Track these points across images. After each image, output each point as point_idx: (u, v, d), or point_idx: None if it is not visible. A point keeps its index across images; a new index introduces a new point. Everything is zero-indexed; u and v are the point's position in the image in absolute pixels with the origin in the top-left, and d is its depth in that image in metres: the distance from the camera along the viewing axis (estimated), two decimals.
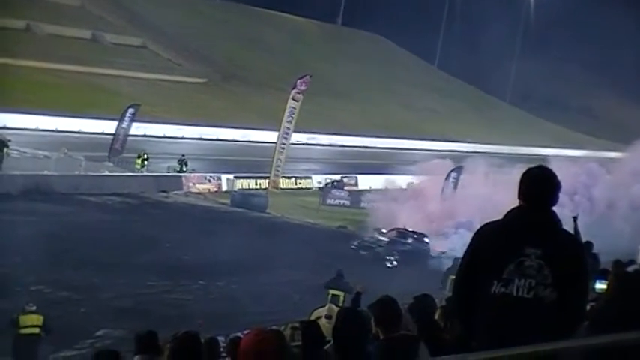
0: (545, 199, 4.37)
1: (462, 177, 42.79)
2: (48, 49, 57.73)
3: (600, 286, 9.13)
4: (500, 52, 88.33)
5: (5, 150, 34.93)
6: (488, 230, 4.42)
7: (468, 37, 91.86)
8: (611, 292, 4.74)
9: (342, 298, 22.32)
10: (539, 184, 4.39)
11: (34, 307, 17.40)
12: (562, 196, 4.56)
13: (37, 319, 17.15)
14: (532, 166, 4.49)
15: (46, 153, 38.47)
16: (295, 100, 46.66)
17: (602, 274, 10.36)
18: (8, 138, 35.54)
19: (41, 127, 45.42)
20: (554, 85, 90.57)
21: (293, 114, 46.59)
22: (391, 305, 5.99)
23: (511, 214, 4.40)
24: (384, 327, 5.87)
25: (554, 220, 4.37)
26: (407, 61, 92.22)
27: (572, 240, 4.43)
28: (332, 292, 22.55)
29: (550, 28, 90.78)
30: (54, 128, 45.88)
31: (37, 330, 17.06)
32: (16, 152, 37.43)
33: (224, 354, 10.24)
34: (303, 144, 55.48)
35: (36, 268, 24.38)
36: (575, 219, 18.17)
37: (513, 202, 4.39)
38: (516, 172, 4.65)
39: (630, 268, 11.73)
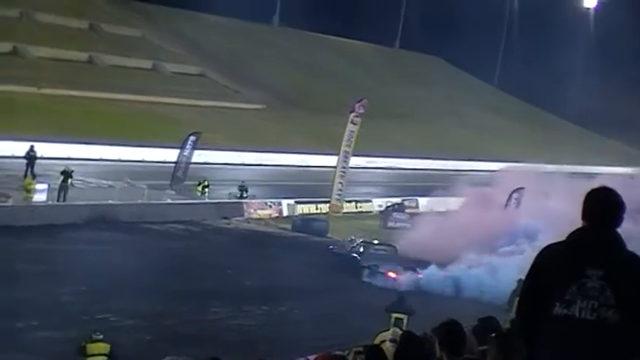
0: (609, 219, 4.35)
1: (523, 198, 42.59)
2: (110, 80, 58.71)
3: None
4: (561, 70, 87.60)
5: (70, 180, 35.51)
6: (550, 251, 4.42)
7: (527, 56, 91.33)
8: None
9: (405, 321, 22.22)
10: (602, 205, 4.38)
11: (101, 336, 17.58)
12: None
13: (104, 347, 17.34)
14: (596, 186, 4.49)
15: (110, 182, 39.01)
16: (354, 124, 46.73)
17: None
18: (72, 168, 36.12)
19: (105, 157, 46.13)
20: (617, 102, 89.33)
21: (352, 137, 46.63)
22: (456, 328, 5.99)
23: (574, 234, 4.39)
24: (449, 351, 5.87)
25: (618, 241, 4.35)
26: (465, 82, 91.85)
27: (636, 260, 4.39)
28: (395, 315, 22.44)
29: (611, 44, 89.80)
30: (117, 158, 46.55)
31: (104, 359, 17.26)
32: (80, 182, 38.05)
33: None
34: (363, 167, 55.46)
35: (102, 296, 24.73)
36: None
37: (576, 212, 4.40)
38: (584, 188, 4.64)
39: None
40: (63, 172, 35.51)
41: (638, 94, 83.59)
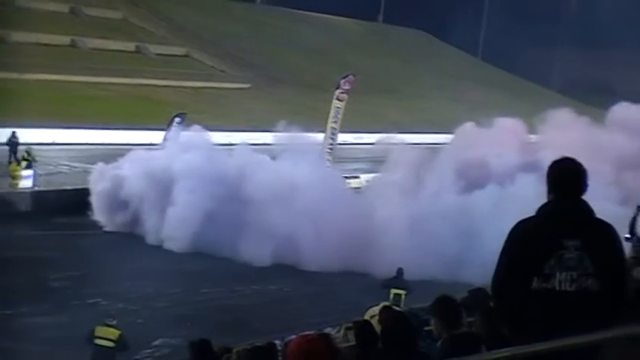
0: (576, 188, 4.36)
1: None
2: (93, 63, 58.37)
3: None
4: (545, 41, 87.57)
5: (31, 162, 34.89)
6: (523, 226, 4.40)
7: (511, 28, 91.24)
8: None
9: (403, 297, 22.14)
10: (568, 175, 4.38)
11: (114, 322, 17.60)
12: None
13: (113, 333, 17.34)
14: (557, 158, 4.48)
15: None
16: (340, 100, 46.56)
17: None
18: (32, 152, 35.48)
19: (90, 141, 45.88)
20: (600, 70, 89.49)
21: (338, 114, 46.47)
22: (452, 304, 5.98)
23: (545, 208, 4.39)
24: (447, 325, 5.82)
25: (588, 210, 4.35)
26: (450, 55, 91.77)
27: (608, 228, 4.39)
28: (394, 291, 22.35)
29: (594, 13, 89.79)
30: (102, 141, 46.31)
31: (109, 344, 17.23)
32: (66, 167, 37.86)
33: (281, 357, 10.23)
34: (351, 144, 55.36)
35: (92, 280, 24.67)
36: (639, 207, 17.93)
37: None
38: None
39: None
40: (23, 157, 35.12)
41: (621, 59, 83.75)
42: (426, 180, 32.15)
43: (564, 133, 33.67)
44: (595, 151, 29.33)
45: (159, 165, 31.75)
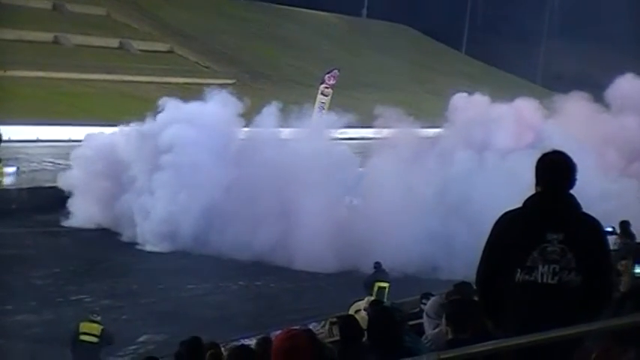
0: (564, 182, 4.33)
1: None
2: (77, 60, 58.11)
3: (639, 270, 8.99)
4: (529, 34, 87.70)
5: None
6: (508, 218, 4.39)
7: (495, 22, 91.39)
8: None
9: (387, 290, 22.18)
10: (555, 169, 4.35)
11: (98, 318, 17.59)
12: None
13: (96, 328, 17.34)
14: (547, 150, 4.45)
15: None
16: (324, 95, 46.60)
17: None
18: None
19: (74, 138, 45.63)
20: (584, 64, 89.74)
21: (323, 109, 46.50)
22: (464, 308, 5.86)
23: (530, 200, 4.37)
24: (455, 327, 5.78)
25: (574, 204, 4.33)
26: (434, 49, 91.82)
27: (593, 222, 4.37)
28: (378, 284, 22.38)
29: (577, 6, 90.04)
30: None
31: (94, 339, 17.21)
32: (50, 164, 37.71)
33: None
34: (335, 139, 55.27)
35: (76, 277, 24.61)
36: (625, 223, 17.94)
37: None
38: None
39: None
40: None
41: (605, 53, 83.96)
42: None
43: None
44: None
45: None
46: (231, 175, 30.39)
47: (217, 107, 32.65)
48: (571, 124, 33.98)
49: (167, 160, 30.21)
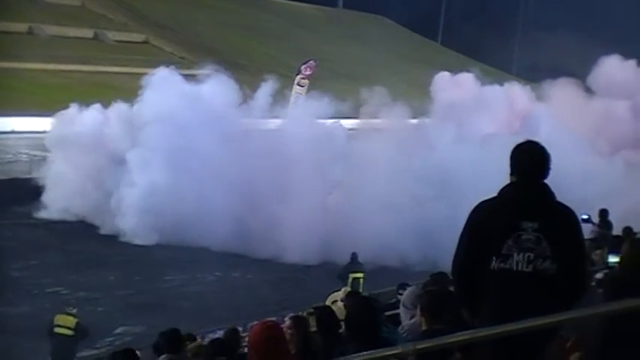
0: (538, 172, 4.37)
1: None
2: (52, 51, 57.74)
3: (613, 259, 9.06)
4: (504, 25, 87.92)
5: None
6: (484, 207, 4.42)
7: (470, 12, 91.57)
8: (626, 259, 4.75)
9: (361, 280, 22.22)
10: (530, 158, 4.38)
11: (74, 310, 17.60)
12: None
13: (70, 321, 17.34)
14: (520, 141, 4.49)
15: None
16: (301, 86, 46.56)
17: (617, 243, 10.29)
18: None
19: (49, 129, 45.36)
20: (558, 54, 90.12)
21: (299, 100, 46.45)
22: (438, 298, 5.90)
23: (505, 189, 4.41)
24: (430, 317, 5.81)
25: (549, 193, 4.37)
26: (410, 40, 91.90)
27: (567, 211, 4.42)
28: (353, 275, 22.42)
29: None
30: None
31: (68, 332, 17.20)
32: (26, 156, 37.49)
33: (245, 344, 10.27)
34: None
35: (52, 270, 24.50)
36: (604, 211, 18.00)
37: None
38: None
39: None
40: None
41: (582, 43, 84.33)
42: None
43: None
44: None
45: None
46: (209, 167, 30.29)
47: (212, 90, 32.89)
48: (560, 110, 34.07)
49: (145, 144, 30.22)
